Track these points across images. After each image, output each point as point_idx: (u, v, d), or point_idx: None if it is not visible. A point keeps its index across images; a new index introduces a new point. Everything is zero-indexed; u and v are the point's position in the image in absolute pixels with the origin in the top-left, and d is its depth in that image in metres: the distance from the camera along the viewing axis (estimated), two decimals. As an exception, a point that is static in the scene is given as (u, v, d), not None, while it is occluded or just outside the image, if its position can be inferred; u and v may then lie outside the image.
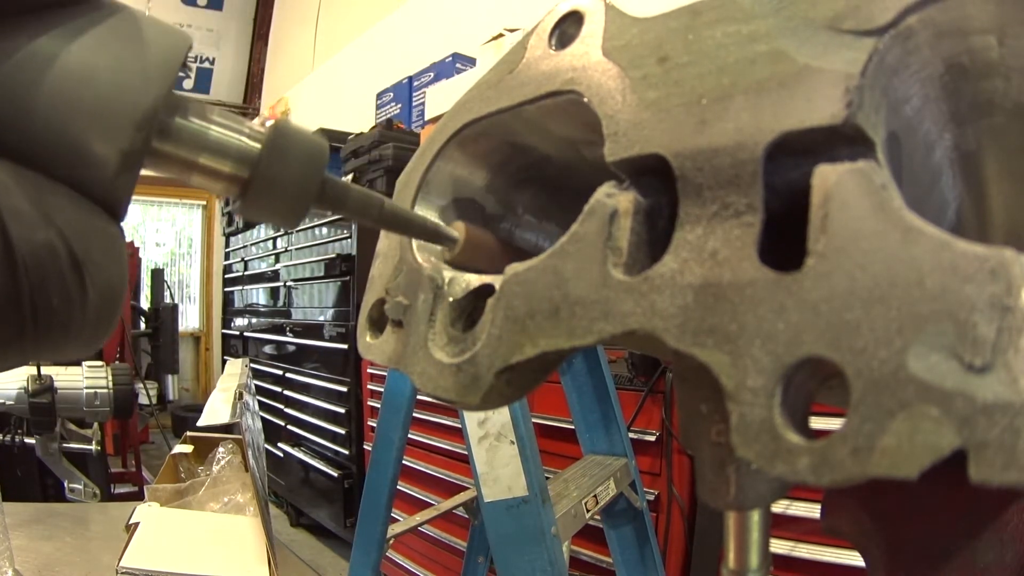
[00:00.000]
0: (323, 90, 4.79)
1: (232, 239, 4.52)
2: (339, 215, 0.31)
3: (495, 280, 0.31)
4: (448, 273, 0.34)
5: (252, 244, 4.04)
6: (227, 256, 4.58)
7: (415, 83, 3.26)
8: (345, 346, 2.83)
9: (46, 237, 0.24)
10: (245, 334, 4.10)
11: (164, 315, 3.83)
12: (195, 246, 6.36)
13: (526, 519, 0.96)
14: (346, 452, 2.84)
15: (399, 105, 3.34)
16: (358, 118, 3.70)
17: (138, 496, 2.77)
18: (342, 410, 2.85)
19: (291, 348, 3.40)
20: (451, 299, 0.33)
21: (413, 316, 0.34)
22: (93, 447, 1.95)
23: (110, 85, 0.25)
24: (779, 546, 1.22)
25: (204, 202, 6.28)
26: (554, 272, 0.28)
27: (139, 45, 0.27)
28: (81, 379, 1.75)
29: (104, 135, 0.25)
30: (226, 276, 4.59)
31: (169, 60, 0.27)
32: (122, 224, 0.28)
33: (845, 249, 0.20)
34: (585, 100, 0.30)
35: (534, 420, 1.22)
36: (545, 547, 0.95)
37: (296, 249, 3.36)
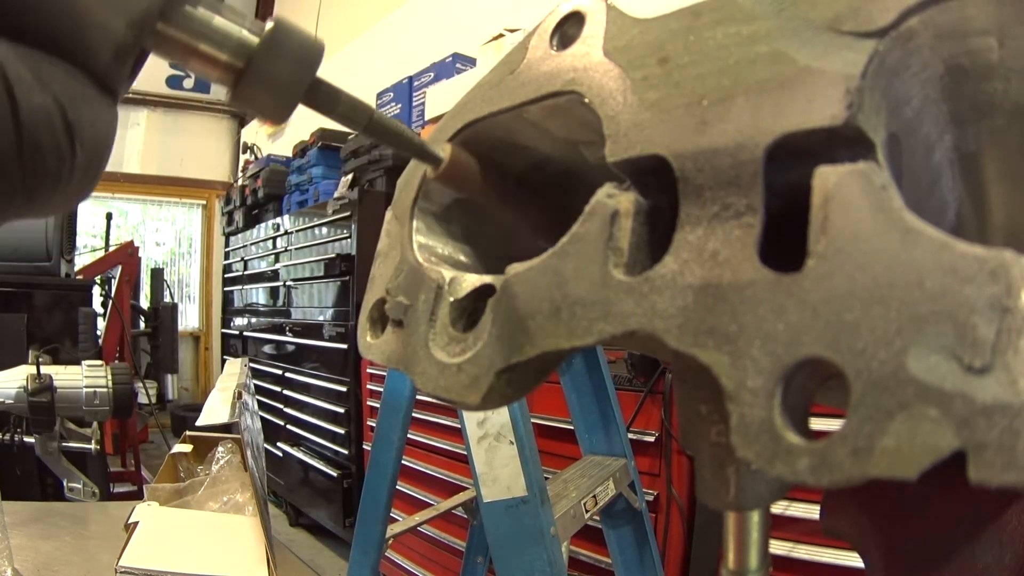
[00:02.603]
0: (323, 90, 4.77)
1: (232, 239, 4.52)
2: (329, 117, 0.32)
3: (496, 280, 0.31)
4: (449, 273, 0.34)
5: (252, 244, 4.04)
6: (227, 256, 4.59)
7: (415, 83, 3.26)
8: (345, 346, 2.83)
9: (43, 101, 0.26)
10: (245, 334, 4.10)
11: (164, 314, 3.82)
12: (195, 245, 6.35)
13: (525, 519, 0.96)
14: (345, 452, 2.84)
15: (399, 105, 3.34)
16: (358, 118, 3.69)
17: (137, 495, 2.76)
18: (341, 410, 2.85)
19: (291, 348, 3.40)
20: (452, 299, 0.33)
21: (414, 316, 0.34)
22: (92, 446, 1.95)
23: None
24: (778, 547, 1.22)
25: (204, 202, 6.28)
26: (555, 272, 0.28)
27: None
28: (80, 378, 1.75)
29: (107, 19, 0.27)
30: (226, 276, 4.59)
31: None
32: (117, 97, 0.30)
33: (845, 250, 0.20)
34: (586, 101, 0.30)
35: (533, 420, 1.22)
36: (544, 547, 0.95)
37: (296, 249, 3.36)
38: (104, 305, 3.31)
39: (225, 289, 4.62)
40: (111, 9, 0.27)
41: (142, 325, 3.85)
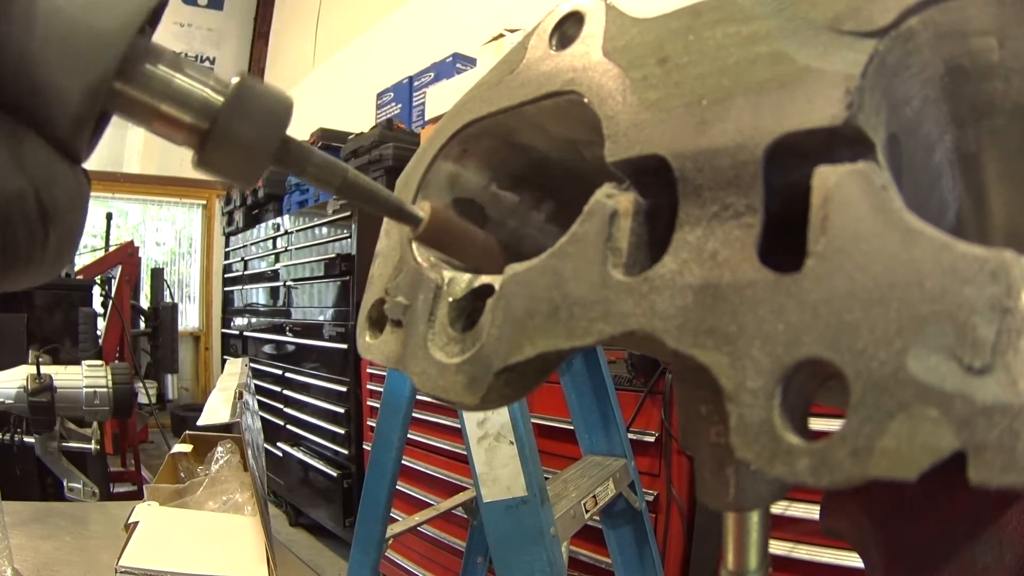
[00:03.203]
0: (323, 90, 4.79)
1: (232, 239, 4.52)
2: (300, 178, 0.31)
3: (495, 280, 0.31)
4: (448, 273, 0.34)
5: (252, 244, 4.04)
6: (227, 256, 4.59)
7: (415, 83, 3.26)
8: (345, 346, 2.83)
9: (18, 185, 0.26)
10: (245, 334, 4.10)
11: (164, 314, 3.82)
12: (195, 245, 6.35)
13: (525, 519, 0.96)
14: (345, 452, 2.84)
15: (399, 105, 3.34)
16: (358, 118, 3.70)
17: (137, 495, 2.77)
18: (341, 410, 2.85)
19: (291, 348, 3.40)
20: (451, 299, 0.33)
21: (413, 316, 0.34)
22: (92, 446, 1.95)
23: (77, 28, 0.26)
24: (778, 547, 1.22)
25: (204, 202, 6.28)
26: (554, 272, 0.28)
27: None
28: (80, 378, 1.75)
29: (68, 81, 0.26)
30: (226, 276, 4.59)
31: (140, 4, 0.28)
32: (83, 167, 0.30)
33: (845, 250, 0.20)
34: (585, 101, 0.30)
35: (533, 420, 1.22)
36: (544, 547, 0.95)
37: (296, 249, 3.36)
38: (104, 305, 3.31)
39: (225, 289, 4.62)
40: (66, 75, 0.26)
41: (142, 325, 3.85)
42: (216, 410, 1.28)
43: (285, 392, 3.39)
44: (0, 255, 0.26)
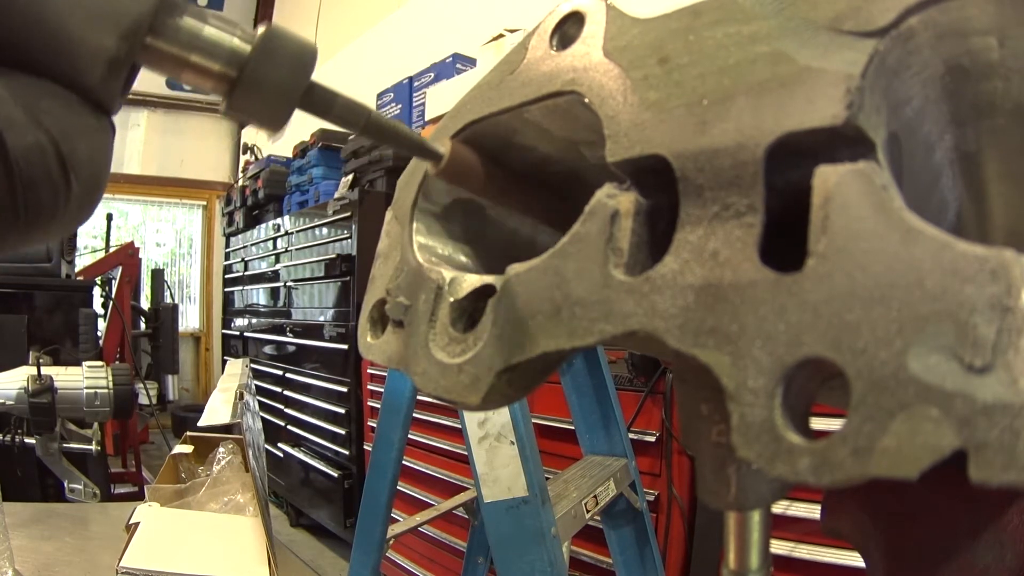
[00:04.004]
0: (323, 90, 4.77)
1: (232, 239, 4.52)
2: (326, 120, 0.32)
3: (496, 280, 0.31)
4: (449, 273, 0.34)
5: (252, 244, 4.04)
6: (227, 256, 4.58)
7: (415, 83, 3.26)
8: (345, 346, 2.83)
9: (36, 140, 0.26)
10: (245, 334, 4.10)
11: (164, 315, 3.82)
12: (195, 246, 6.35)
13: (526, 520, 0.96)
14: (346, 452, 2.84)
15: (399, 105, 3.34)
16: (358, 118, 3.70)
17: (138, 496, 2.77)
18: (342, 410, 2.85)
19: (291, 348, 3.40)
20: (452, 299, 0.33)
21: (414, 316, 0.34)
22: (93, 447, 1.95)
23: None
24: (779, 547, 1.22)
25: (204, 202, 6.28)
26: (555, 272, 0.28)
27: None
28: (81, 379, 1.75)
29: (99, 30, 0.27)
30: (226, 276, 4.59)
31: None
32: (112, 118, 0.30)
33: (845, 250, 0.20)
34: (586, 101, 0.30)
35: (534, 420, 1.22)
36: (545, 548, 0.95)
37: (296, 249, 3.36)
38: (105, 306, 3.31)
39: (226, 290, 4.62)
40: (100, 25, 0.26)
41: (143, 326, 3.85)
42: (216, 411, 1.28)
43: (286, 393, 3.39)
44: (24, 213, 0.26)
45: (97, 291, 3.19)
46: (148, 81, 5.90)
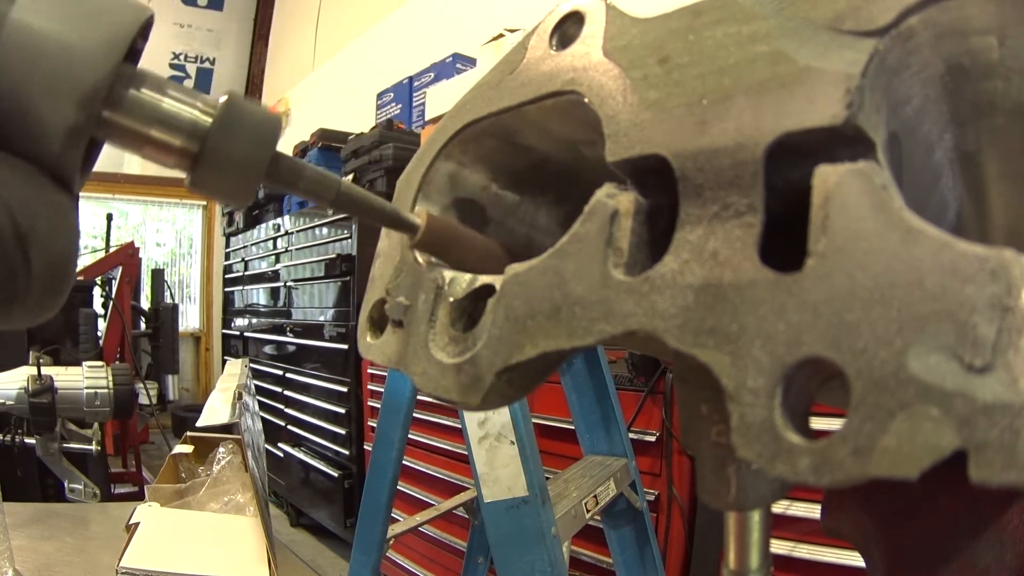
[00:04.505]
0: (323, 90, 4.79)
1: (232, 239, 4.52)
2: (293, 193, 0.31)
3: (496, 280, 0.31)
4: (448, 274, 0.34)
5: (252, 244, 4.04)
6: (227, 256, 4.58)
7: (415, 83, 3.26)
8: (345, 346, 2.83)
9: None
10: (245, 334, 4.10)
11: (164, 315, 3.82)
12: (195, 246, 6.36)
13: (526, 519, 0.96)
14: (346, 452, 2.84)
15: (399, 105, 3.34)
16: (358, 118, 3.70)
17: (138, 496, 2.77)
18: (342, 410, 2.85)
19: (291, 348, 3.40)
20: (452, 299, 0.33)
21: (414, 316, 0.34)
22: (93, 447, 1.95)
23: (60, 54, 0.25)
24: (779, 546, 1.22)
25: (204, 202, 6.28)
26: (555, 272, 0.28)
27: (93, 14, 0.27)
28: (81, 379, 1.75)
29: (52, 106, 0.25)
30: (226, 276, 4.59)
31: (124, 30, 0.27)
32: (76, 195, 0.28)
33: (845, 249, 0.20)
34: (586, 101, 0.30)
35: (534, 420, 1.22)
36: (545, 547, 0.95)
37: (296, 249, 3.36)
38: (105, 306, 3.31)
39: (226, 290, 4.62)
40: (56, 93, 0.25)
41: (143, 326, 3.85)
42: (216, 411, 1.28)
43: (286, 393, 3.39)
44: None
45: (97, 291, 3.19)
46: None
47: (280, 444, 3.38)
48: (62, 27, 0.26)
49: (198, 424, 1.24)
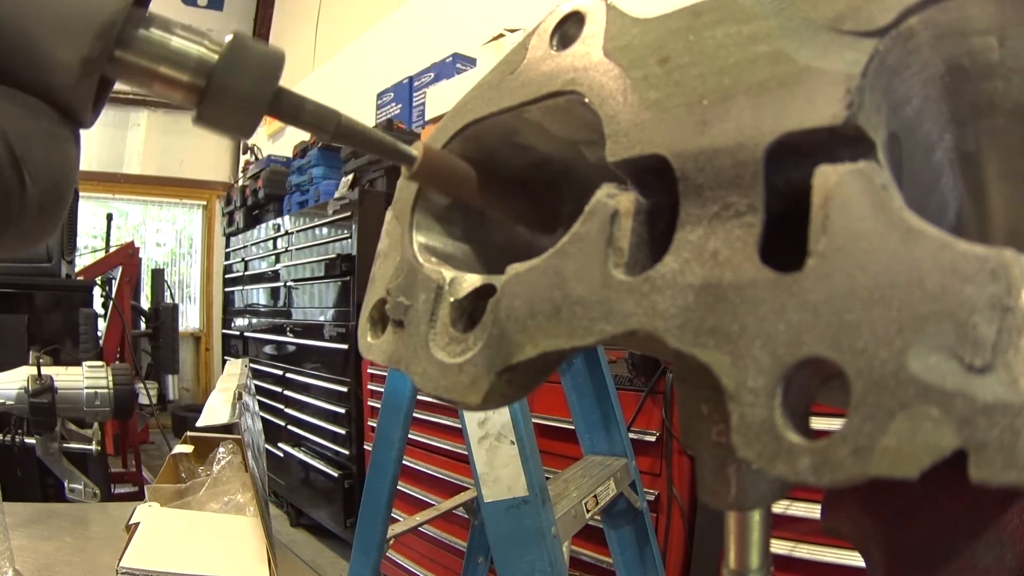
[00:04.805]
0: (323, 90, 4.79)
1: (232, 239, 4.52)
2: (295, 125, 0.32)
3: (496, 280, 0.31)
4: (449, 273, 0.34)
5: (252, 244, 4.05)
6: (227, 256, 4.59)
7: (415, 83, 3.26)
8: (345, 346, 2.83)
9: None
10: (245, 334, 4.10)
11: (164, 315, 3.82)
12: (195, 246, 6.36)
13: (526, 519, 0.96)
14: (346, 452, 2.84)
15: (399, 105, 3.34)
16: (358, 118, 3.67)
17: (138, 496, 2.77)
18: (342, 410, 2.85)
19: (291, 348, 3.41)
20: (452, 299, 0.33)
21: (414, 316, 0.34)
22: (93, 447, 1.95)
23: None
24: (779, 546, 1.22)
25: (204, 202, 6.28)
26: (555, 272, 0.28)
27: None
28: (81, 379, 1.75)
29: (65, 42, 0.27)
30: (226, 276, 4.59)
31: None
32: (81, 128, 0.30)
33: (845, 249, 0.20)
34: (586, 101, 0.30)
35: (534, 420, 1.22)
36: (545, 547, 0.95)
37: (296, 249, 3.36)
38: (105, 306, 3.31)
39: (226, 290, 4.63)
40: (72, 27, 0.26)
41: (143, 326, 3.85)
42: (216, 411, 1.28)
43: (286, 393, 3.39)
44: None
45: (97, 291, 3.19)
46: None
47: (280, 444, 3.38)
48: None
49: (198, 424, 1.24)
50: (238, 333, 4.24)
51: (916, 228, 0.19)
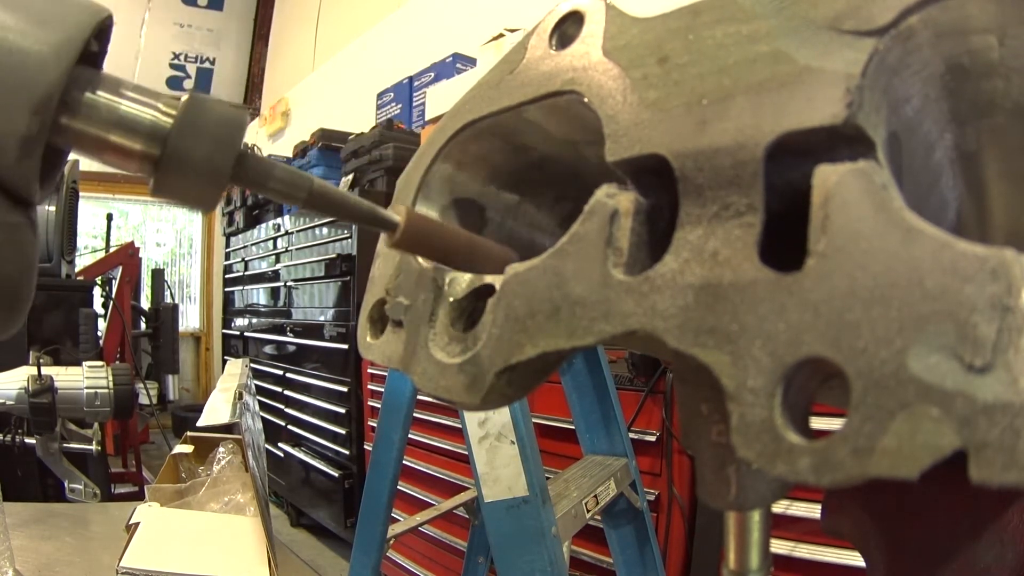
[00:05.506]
0: (323, 90, 4.79)
1: (232, 239, 4.52)
2: (263, 193, 0.29)
3: (495, 280, 0.31)
4: (449, 274, 0.34)
5: (252, 244, 4.04)
6: (227, 256, 4.59)
7: (415, 83, 3.26)
8: (345, 346, 2.83)
9: None
10: (245, 334, 4.10)
11: (164, 315, 3.82)
12: (195, 246, 6.36)
13: (526, 519, 0.96)
14: (346, 452, 2.84)
15: (399, 105, 3.34)
16: (358, 118, 3.71)
17: (138, 496, 2.77)
18: (342, 410, 2.85)
19: (291, 348, 3.41)
20: (452, 299, 0.33)
21: (414, 316, 0.34)
22: (93, 447, 1.95)
23: (9, 60, 0.24)
24: (779, 546, 1.22)
25: (204, 202, 6.28)
26: (555, 272, 0.28)
27: (44, 17, 0.25)
28: (81, 379, 1.75)
29: (3, 116, 0.24)
30: (226, 276, 4.59)
31: (77, 31, 0.26)
32: (32, 206, 0.27)
33: (845, 249, 0.20)
34: (586, 100, 0.30)
35: (534, 420, 1.22)
36: (545, 547, 0.95)
37: (296, 249, 3.36)
38: (105, 306, 3.31)
39: (226, 290, 4.62)
40: (7, 102, 0.24)
41: (143, 326, 3.85)
42: (216, 411, 1.28)
43: (286, 393, 3.39)
44: None
45: (97, 291, 3.19)
46: (148, 82, 5.91)
47: (280, 444, 3.38)
48: (10, 32, 0.25)
49: (198, 424, 1.24)
50: (238, 333, 4.24)
51: (916, 228, 0.19)
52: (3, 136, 0.24)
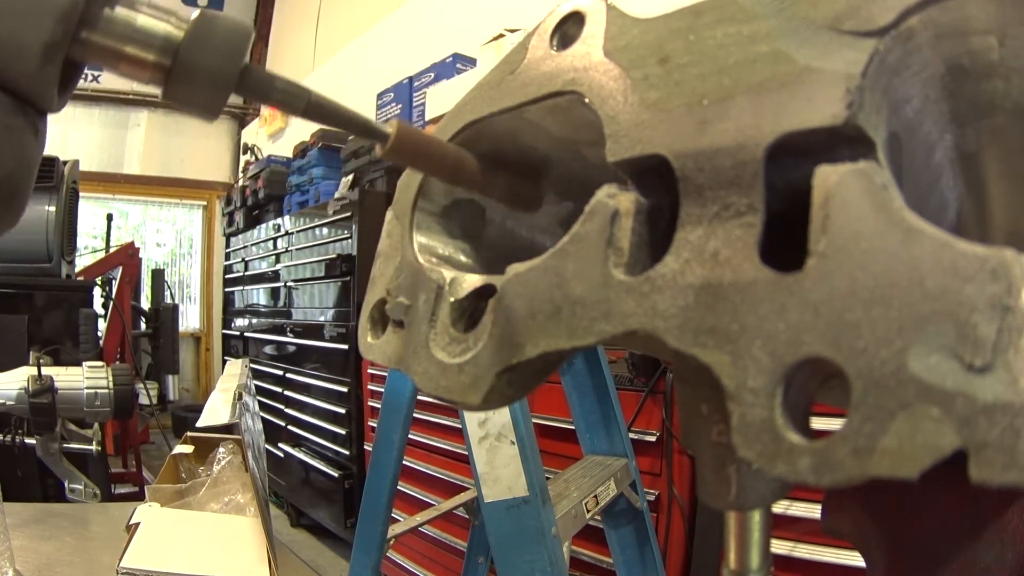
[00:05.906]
0: (323, 90, 4.73)
1: (232, 239, 4.53)
2: (266, 103, 0.31)
3: (496, 280, 0.31)
4: (449, 273, 0.34)
5: (252, 244, 4.05)
6: (227, 256, 4.59)
7: (415, 83, 3.26)
8: (346, 346, 2.83)
9: None
10: (245, 334, 4.10)
11: (164, 315, 3.82)
12: (195, 246, 6.36)
13: (526, 519, 0.96)
14: (346, 452, 2.85)
15: (400, 105, 3.34)
16: (358, 118, 3.70)
17: (138, 496, 2.77)
18: (342, 410, 2.85)
19: (291, 348, 3.41)
20: (452, 299, 0.33)
21: (414, 316, 0.34)
22: (93, 447, 1.95)
23: None
24: (780, 546, 1.22)
25: (204, 202, 6.28)
26: (555, 272, 0.28)
27: None
28: (81, 379, 1.75)
29: (28, 23, 0.26)
30: (226, 276, 4.59)
31: None
32: (47, 114, 0.29)
33: (846, 249, 0.20)
34: (586, 101, 0.30)
35: (534, 420, 1.22)
36: (545, 547, 0.95)
37: (297, 249, 3.37)
38: (105, 306, 3.31)
39: (226, 290, 4.63)
40: (33, 12, 0.26)
41: (143, 326, 3.85)
42: (216, 411, 1.28)
43: (286, 393, 3.39)
44: None
45: (97, 291, 3.18)
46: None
47: (280, 444, 3.38)
48: None
49: (198, 424, 1.24)
50: (238, 333, 4.24)
51: (916, 228, 0.19)
52: (27, 42, 0.26)
